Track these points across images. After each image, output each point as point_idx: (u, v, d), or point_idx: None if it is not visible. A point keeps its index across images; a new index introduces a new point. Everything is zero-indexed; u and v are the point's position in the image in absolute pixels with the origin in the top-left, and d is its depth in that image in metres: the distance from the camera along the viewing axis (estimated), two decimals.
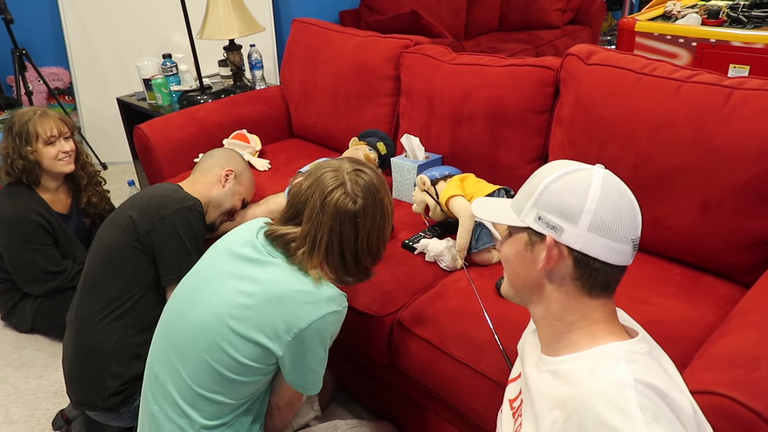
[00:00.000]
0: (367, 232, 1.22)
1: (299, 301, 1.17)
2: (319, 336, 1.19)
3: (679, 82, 1.50)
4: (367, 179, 1.22)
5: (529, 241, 0.89)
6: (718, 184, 1.42)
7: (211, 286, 1.24)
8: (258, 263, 1.21)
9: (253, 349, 1.18)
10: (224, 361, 1.19)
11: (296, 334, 1.16)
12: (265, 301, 1.17)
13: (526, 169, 1.86)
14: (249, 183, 1.91)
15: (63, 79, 3.66)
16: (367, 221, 1.21)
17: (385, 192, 1.26)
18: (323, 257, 1.21)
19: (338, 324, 1.24)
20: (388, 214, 1.27)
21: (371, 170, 1.25)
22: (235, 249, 1.26)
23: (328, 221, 1.19)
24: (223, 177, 1.81)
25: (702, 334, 1.29)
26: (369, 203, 1.21)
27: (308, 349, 1.20)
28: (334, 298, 1.20)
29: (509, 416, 1.03)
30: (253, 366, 1.19)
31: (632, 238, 0.85)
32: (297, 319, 1.16)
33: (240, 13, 2.78)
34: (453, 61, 2.04)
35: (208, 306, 1.21)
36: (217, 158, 1.86)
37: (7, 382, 2.04)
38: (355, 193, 1.20)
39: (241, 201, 1.89)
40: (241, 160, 1.91)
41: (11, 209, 2.05)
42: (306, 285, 1.18)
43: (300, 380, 1.25)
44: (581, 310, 0.88)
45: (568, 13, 4.73)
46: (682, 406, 0.79)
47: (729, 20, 2.78)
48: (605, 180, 0.85)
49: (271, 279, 1.19)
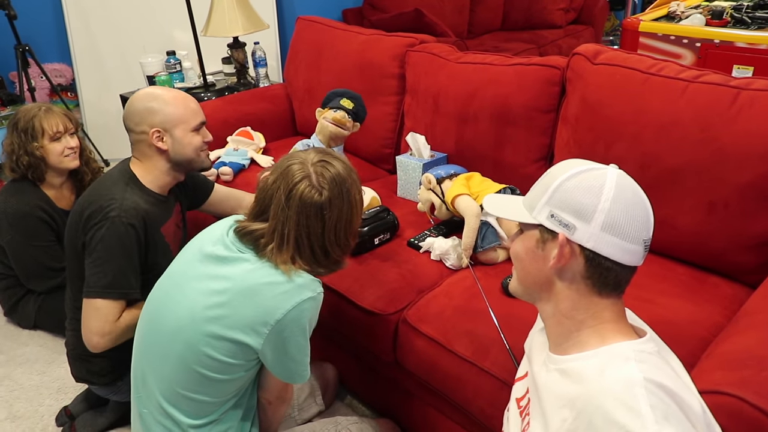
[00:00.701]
0: (334, 223, 1.21)
1: (272, 292, 1.16)
2: (298, 325, 1.18)
3: (686, 82, 1.50)
4: (333, 170, 1.21)
5: (540, 239, 0.89)
6: (724, 184, 1.42)
7: (183, 288, 1.23)
8: (228, 261, 1.21)
9: (232, 346, 1.17)
10: (204, 362, 1.18)
11: (273, 325, 1.16)
12: (238, 296, 1.16)
13: (531, 168, 1.86)
14: (182, 116, 1.54)
15: (65, 75, 3.65)
16: (333, 213, 1.20)
17: (353, 182, 1.24)
18: (293, 251, 1.20)
19: (315, 310, 1.22)
20: (356, 205, 1.25)
21: (338, 161, 1.24)
22: (206, 249, 1.25)
23: (294, 215, 1.18)
24: (155, 140, 1.52)
25: (708, 334, 1.29)
26: (335, 194, 1.20)
27: (288, 340, 1.19)
28: (307, 284, 1.19)
29: (516, 415, 1.03)
30: (233, 363, 1.19)
31: (644, 239, 0.85)
32: (272, 310, 1.15)
33: (244, 11, 2.78)
34: (458, 60, 2.04)
35: (183, 309, 1.20)
36: (135, 123, 1.53)
37: (10, 378, 2.04)
38: (321, 184, 1.18)
39: (196, 134, 1.57)
40: (158, 104, 1.52)
41: (16, 205, 2.05)
42: (277, 277, 1.17)
43: (285, 371, 1.25)
44: (591, 308, 0.88)
45: (571, 13, 4.73)
46: (692, 406, 0.79)
47: (733, 21, 2.78)
48: (619, 180, 0.85)
49: (241, 274, 1.18)
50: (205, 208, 1.89)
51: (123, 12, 3.47)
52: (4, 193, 2.10)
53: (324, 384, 1.73)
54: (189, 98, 1.60)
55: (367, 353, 1.66)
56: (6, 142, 2.05)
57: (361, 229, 1.70)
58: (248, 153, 2.37)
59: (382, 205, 1.83)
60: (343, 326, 1.64)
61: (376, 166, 2.39)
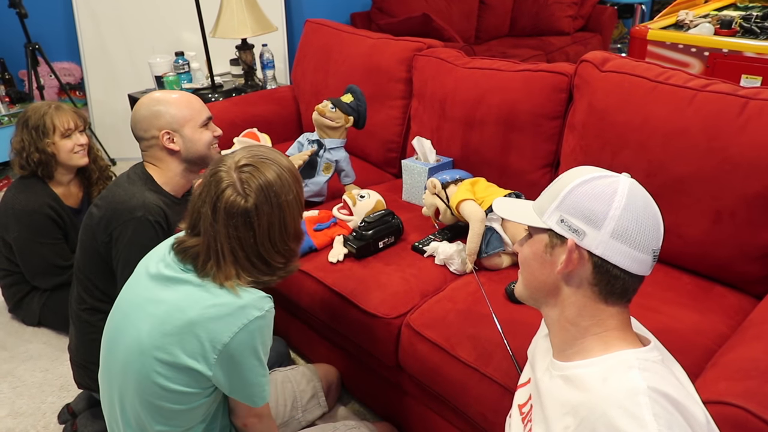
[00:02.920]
0: (266, 230, 1.14)
1: (216, 315, 1.10)
2: (248, 347, 1.12)
3: (694, 91, 1.49)
4: (257, 174, 1.13)
5: (549, 243, 0.89)
6: (731, 194, 1.42)
7: (130, 317, 1.18)
8: (171, 282, 1.15)
9: (183, 375, 1.12)
10: (159, 393, 1.14)
11: (221, 350, 1.10)
12: (182, 323, 1.10)
13: (537, 174, 1.86)
14: (188, 114, 1.55)
15: (74, 74, 3.68)
16: (263, 219, 1.13)
17: (283, 183, 1.15)
18: (232, 266, 1.14)
19: (266, 329, 1.16)
20: (289, 207, 1.16)
21: (266, 162, 1.15)
22: (150, 269, 1.20)
23: (222, 228, 1.12)
24: (166, 142, 1.53)
25: (713, 344, 1.28)
26: (261, 200, 1.12)
27: (240, 363, 1.13)
28: (254, 303, 1.13)
29: (519, 421, 1.03)
30: (189, 392, 1.14)
31: (653, 249, 0.85)
32: (218, 335, 1.09)
33: (253, 13, 2.79)
34: (466, 65, 2.04)
35: (131, 339, 1.16)
36: (143, 130, 1.55)
37: (13, 374, 2.05)
38: (246, 191, 1.11)
39: (205, 129, 1.59)
40: (163, 106, 1.54)
41: (24, 202, 2.06)
42: (220, 297, 1.11)
43: (243, 395, 1.19)
44: (596, 316, 0.87)
45: (579, 20, 4.73)
46: (696, 415, 0.79)
47: (742, 31, 2.77)
48: (631, 189, 0.85)
49: (184, 299, 1.13)
50: None
51: (132, 12, 3.49)
52: (12, 190, 2.11)
53: (326, 386, 1.73)
54: (191, 96, 1.61)
55: (370, 357, 1.66)
56: (15, 139, 2.06)
57: (366, 232, 1.71)
58: None
59: (387, 208, 1.83)
60: (346, 329, 1.64)
61: (381, 169, 2.40)
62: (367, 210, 1.84)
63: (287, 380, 1.68)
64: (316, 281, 1.69)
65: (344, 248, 1.73)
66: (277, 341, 1.91)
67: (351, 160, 2.08)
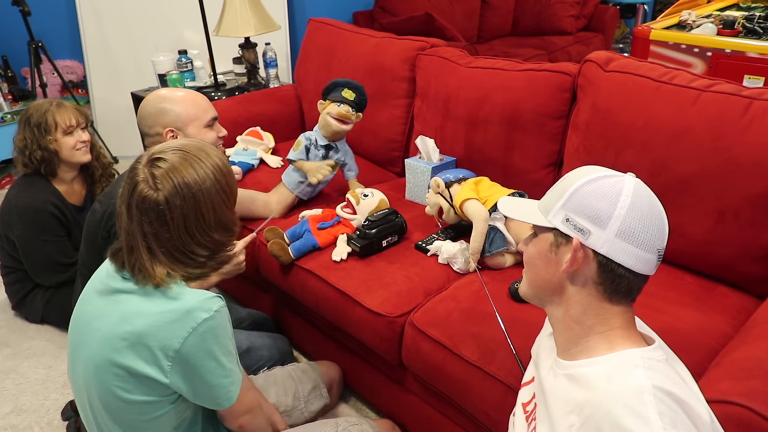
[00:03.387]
0: (181, 222, 1.10)
1: (163, 322, 1.07)
2: (202, 349, 1.09)
3: (698, 91, 1.50)
4: (166, 166, 1.09)
5: (554, 242, 0.89)
6: (735, 194, 1.42)
7: (83, 337, 1.17)
8: (115, 293, 1.13)
9: (141, 384, 1.10)
10: (123, 407, 1.12)
11: (174, 356, 1.07)
12: (131, 335, 1.08)
13: (540, 173, 1.86)
14: (193, 113, 1.57)
15: (77, 72, 3.68)
16: (176, 212, 1.09)
17: (197, 173, 1.11)
18: (152, 261, 1.10)
19: (219, 330, 1.11)
20: (204, 196, 1.11)
21: (175, 152, 1.12)
22: (96, 285, 1.18)
23: (137, 225, 1.10)
24: (169, 140, 1.55)
25: (716, 343, 1.29)
26: (172, 192, 1.08)
27: (197, 367, 1.10)
28: (200, 305, 1.09)
29: (522, 420, 1.04)
30: (151, 401, 1.12)
31: (658, 248, 0.85)
32: (168, 341, 1.07)
33: (256, 12, 2.79)
34: (469, 65, 2.04)
35: (86, 360, 1.14)
36: (148, 126, 1.57)
37: (17, 371, 2.05)
38: (157, 184, 1.08)
39: (210, 129, 1.61)
40: (168, 104, 1.56)
41: (28, 200, 2.06)
42: (165, 304, 1.09)
43: (207, 399, 1.16)
44: (601, 314, 0.88)
45: (582, 20, 4.73)
46: (700, 414, 0.79)
47: (744, 31, 2.78)
48: (637, 188, 0.85)
49: (129, 311, 1.10)
50: None
51: (135, 10, 3.50)
52: (15, 188, 2.12)
53: (328, 382, 1.73)
54: (198, 95, 1.61)
55: (373, 355, 1.67)
56: (18, 137, 2.06)
57: (370, 230, 1.71)
58: (257, 153, 2.38)
59: (390, 207, 1.84)
60: (349, 327, 1.65)
61: (384, 168, 2.40)
62: (371, 209, 1.84)
63: (288, 376, 1.68)
64: (319, 279, 1.69)
65: (348, 247, 1.74)
66: (280, 339, 1.92)
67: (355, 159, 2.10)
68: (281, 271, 1.82)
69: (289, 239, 1.81)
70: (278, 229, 1.84)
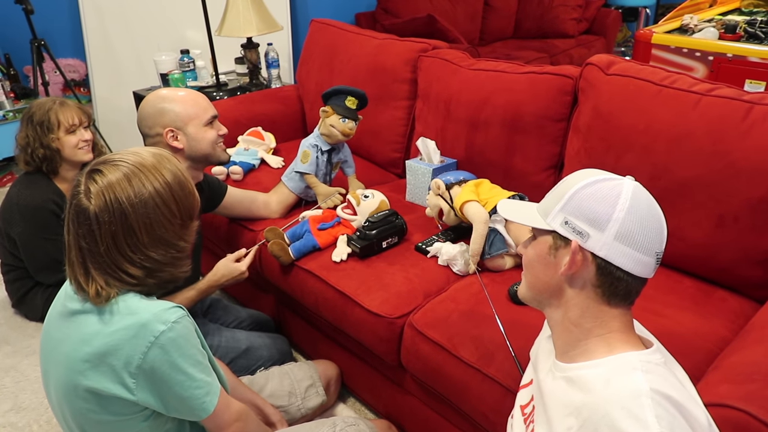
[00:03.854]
0: (110, 237, 1.05)
1: (120, 339, 1.03)
2: (166, 363, 1.04)
3: (698, 95, 1.50)
4: (99, 178, 1.06)
5: (553, 245, 0.90)
6: (735, 198, 1.42)
7: (49, 360, 1.15)
8: (72, 315, 1.10)
9: (110, 404, 1.07)
10: (98, 427, 1.11)
11: (136, 373, 1.04)
12: (91, 356, 1.05)
13: (541, 176, 1.86)
14: (192, 112, 1.57)
15: (79, 71, 3.69)
16: (104, 227, 1.05)
17: (132, 187, 1.06)
18: (92, 277, 1.07)
19: (181, 341, 1.06)
20: (135, 211, 1.06)
21: (117, 164, 1.08)
22: (57, 307, 1.15)
23: (73, 238, 1.08)
24: (170, 140, 1.56)
25: (714, 347, 1.29)
26: (101, 205, 1.04)
27: (164, 381, 1.06)
28: (156, 318, 1.04)
29: (521, 422, 1.04)
30: (123, 419, 1.09)
31: (657, 252, 0.85)
32: (129, 358, 1.03)
33: (259, 12, 2.80)
34: (471, 67, 2.05)
35: (55, 384, 1.13)
36: (148, 127, 1.57)
37: (16, 369, 2.05)
38: (89, 196, 1.05)
39: (209, 128, 1.60)
40: (168, 104, 1.56)
41: (29, 198, 2.06)
42: (120, 321, 1.05)
43: (184, 412, 1.11)
44: (599, 317, 0.88)
45: (584, 23, 4.74)
46: (698, 418, 0.79)
47: (746, 35, 2.78)
48: (635, 191, 0.85)
49: (86, 331, 1.07)
50: (220, 211, 1.90)
51: (138, 10, 3.50)
52: (17, 186, 2.12)
53: (326, 380, 1.74)
54: (197, 95, 1.60)
55: (372, 355, 1.67)
56: (20, 135, 2.07)
57: (370, 231, 1.71)
58: (258, 153, 2.39)
59: (390, 209, 1.84)
60: (349, 328, 1.65)
61: (385, 170, 2.40)
62: (371, 210, 1.84)
63: (284, 374, 1.69)
64: (319, 280, 1.69)
65: (348, 247, 1.74)
66: (280, 339, 1.92)
67: (355, 160, 2.12)
68: (281, 271, 1.82)
69: (289, 239, 1.82)
70: (278, 229, 1.84)
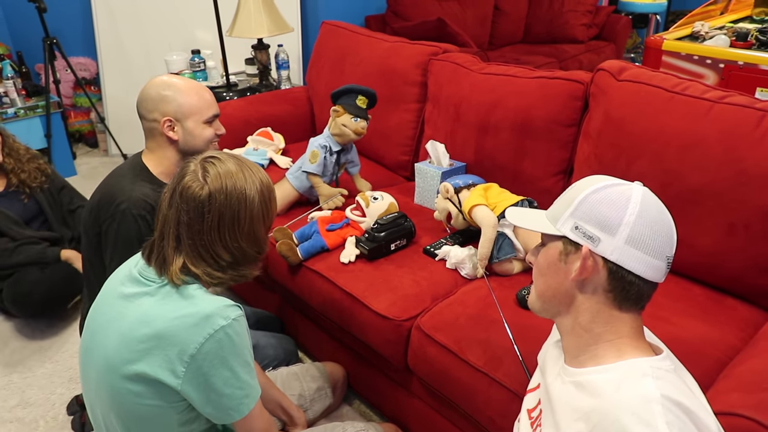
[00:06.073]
0: (216, 220, 1.11)
1: (181, 326, 1.06)
2: (217, 357, 1.07)
3: (711, 103, 1.49)
4: (219, 164, 1.13)
5: (563, 251, 0.90)
6: (746, 206, 1.42)
7: (97, 338, 1.16)
8: (134, 297, 1.13)
9: (153, 389, 1.09)
10: (132, 410, 1.12)
11: (189, 362, 1.06)
12: (148, 338, 1.07)
13: (550, 181, 1.86)
14: (195, 107, 1.54)
15: (90, 69, 3.71)
16: (214, 207, 1.10)
17: (246, 179, 1.13)
18: (175, 251, 1.11)
19: (236, 338, 1.09)
20: (246, 203, 1.13)
21: (232, 159, 1.15)
22: (117, 288, 1.18)
23: (174, 213, 1.12)
24: (166, 129, 1.53)
25: (723, 356, 1.28)
26: (217, 188, 1.10)
27: (210, 374, 1.08)
28: (217, 312, 1.08)
29: (528, 426, 1.03)
30: (160, 406, 1.10)
31: (667, 256, 0.85)
32: (185, 346, 1.06)
33: (270, 13, 2.81)
34: (481, 71, 2.05)
35: (99, 361, 1.14)
36: (147, 110, 1.55)
37: (24, 364, 2.07)
38: (205, 178, 1.11)
39: (208, 126, 1.58)
40: (172, 92, 1.53)
41: None
42: (182, 308, 1.08)
43: (218, 410, 1.12)
44: (610, 322, 0.88)
45: (594, 29, 4.73)
46: (708, 425, 0.79)
47: (758, 43, 2.77)
48: (645, 196, 0.86)
49: (148, 313, 1.10)
50: None
51: (149, 10, 3.52)
52: None
53: (333, 382, 1.74)
54: (204, 89, 1.58)
55: (378, 358, 1.67)
56: None
57: (379, 233, 1.71)
58: (267, 153, 2.40)
59: (399, 211, 1.84)
60: (356, 329, 1.65)
61: (394, 172, 2.40)
62: (380, 212, 1.84)
63: (293, 375, 1.69)
64: (327, 281, 1.69)
65: (356, 249, 1.74)
66: (286, 339, 1.92)
67: (364, 163, 2.13)
68: (289, 271, 1.82)
69: (297, 240, 1.82)
70: (287, 229, 1.85)
